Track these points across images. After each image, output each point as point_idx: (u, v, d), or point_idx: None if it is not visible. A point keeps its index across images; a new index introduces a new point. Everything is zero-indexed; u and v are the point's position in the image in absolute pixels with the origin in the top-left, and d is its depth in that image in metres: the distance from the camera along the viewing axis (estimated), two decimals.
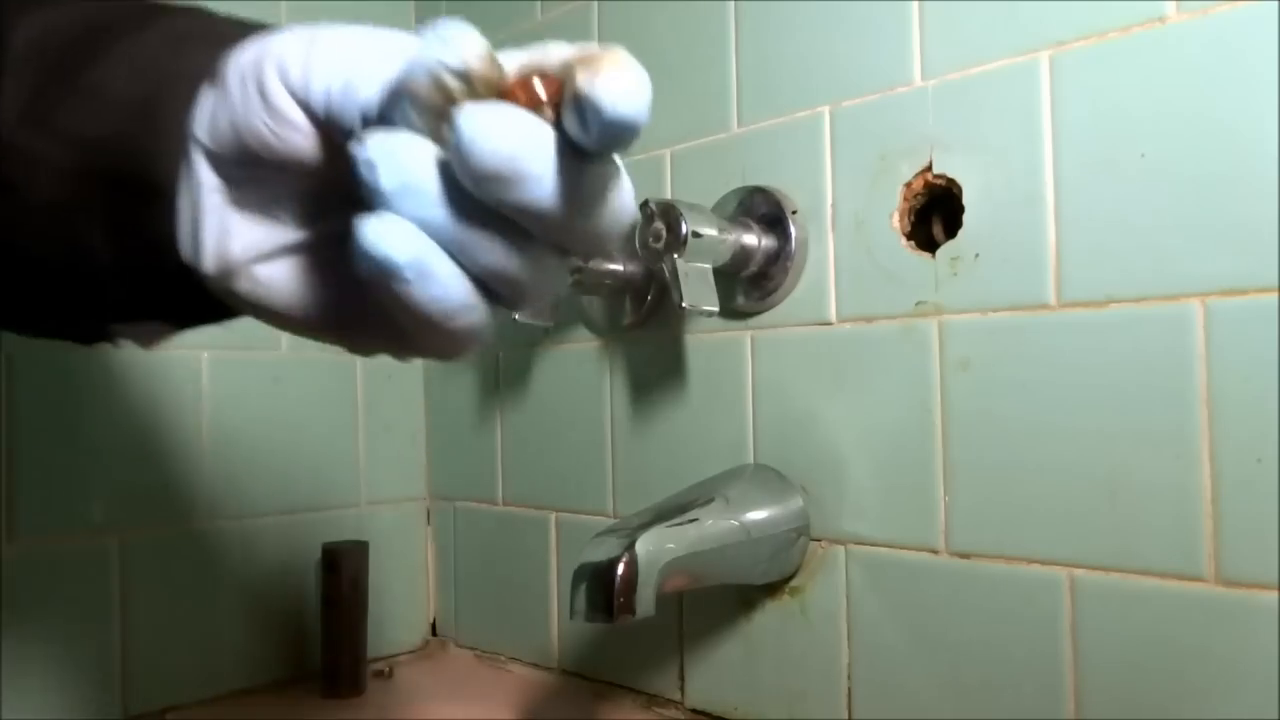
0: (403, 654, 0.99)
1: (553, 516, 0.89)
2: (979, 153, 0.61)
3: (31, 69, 0.33)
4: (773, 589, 0.71)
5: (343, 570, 0.87)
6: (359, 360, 0.95)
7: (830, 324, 0.68)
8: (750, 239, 0.70)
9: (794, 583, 0.70)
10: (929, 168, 0.63)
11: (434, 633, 1.02)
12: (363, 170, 0.25)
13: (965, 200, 0.62)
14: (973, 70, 0.61)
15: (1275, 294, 0.50)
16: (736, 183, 0.74)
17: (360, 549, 0.89)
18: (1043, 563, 0.58)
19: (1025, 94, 0.59)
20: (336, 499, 0.95)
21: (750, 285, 0.72)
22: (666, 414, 0.79)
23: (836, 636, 0.68)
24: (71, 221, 0.32)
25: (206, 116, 0.30)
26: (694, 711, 0.77)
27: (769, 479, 0.70)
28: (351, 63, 0.28)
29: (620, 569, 0.56)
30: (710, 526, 0.63)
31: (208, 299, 0.32)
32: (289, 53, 0.29)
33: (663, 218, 0.67)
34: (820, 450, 0.69)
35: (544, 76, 0.26)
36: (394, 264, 0.25)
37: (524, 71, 0.26)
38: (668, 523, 0.61)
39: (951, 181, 0.63)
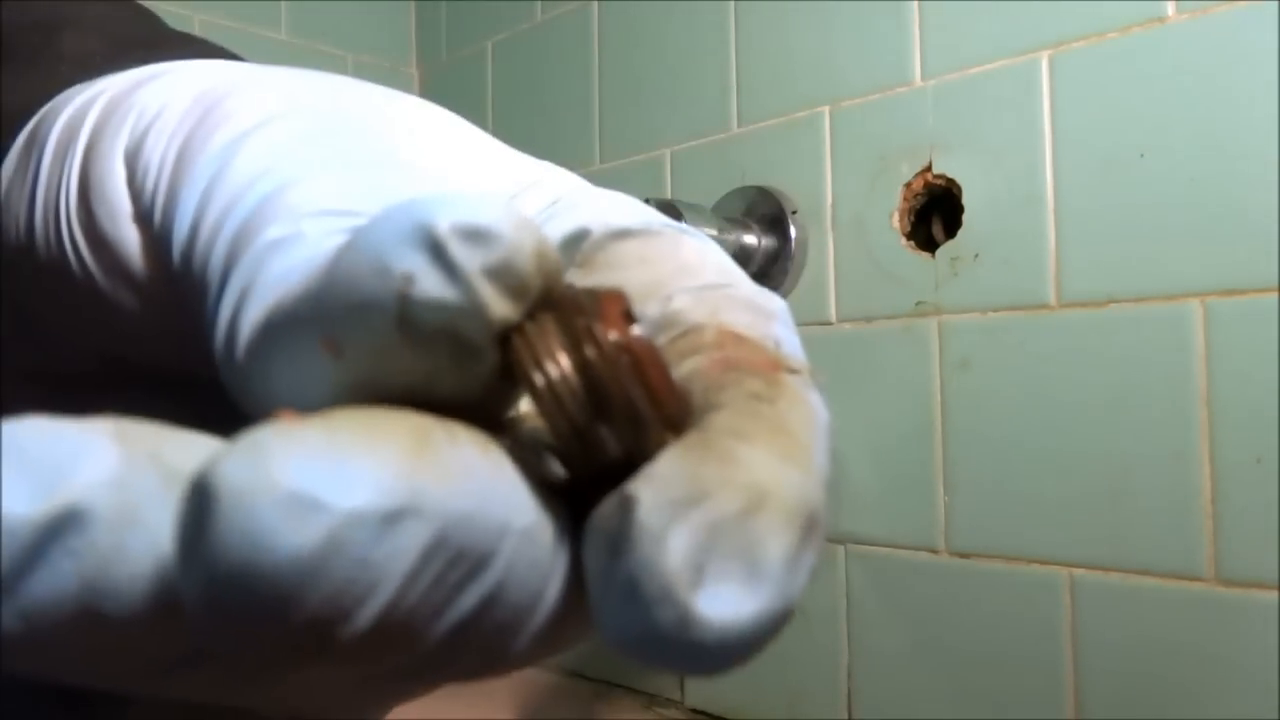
0: None
1: None
2: (979, 153, 0.61)
3: None
4: None
5: None
6: None
7: (830, 324, 0.68)
8: (750, 239, 0.70)
9: None
10: (929, 168, 0.64)
11: None
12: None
13: (965, 200, 0.62)
14: (973, 70, 0.61)
15: (1275, 294, 0.50)
16: (736, 183, 0.74)
17: None
18: (1043, 563, 0.58)
19: (1025, 94, 0.59)
20: None
21: None
22: None
23: (836, 636, 0.68)
24: None
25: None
26: (694, 711, 0.77)
27: None
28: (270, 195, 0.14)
29: None
30: None
31: None
32: (167, 123, 0.16)
33: None
34: None
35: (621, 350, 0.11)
36: None
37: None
38: None
39: (951, 181, 0.63)
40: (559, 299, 0.12)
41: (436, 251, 0.11)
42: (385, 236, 0.11)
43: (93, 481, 0.10)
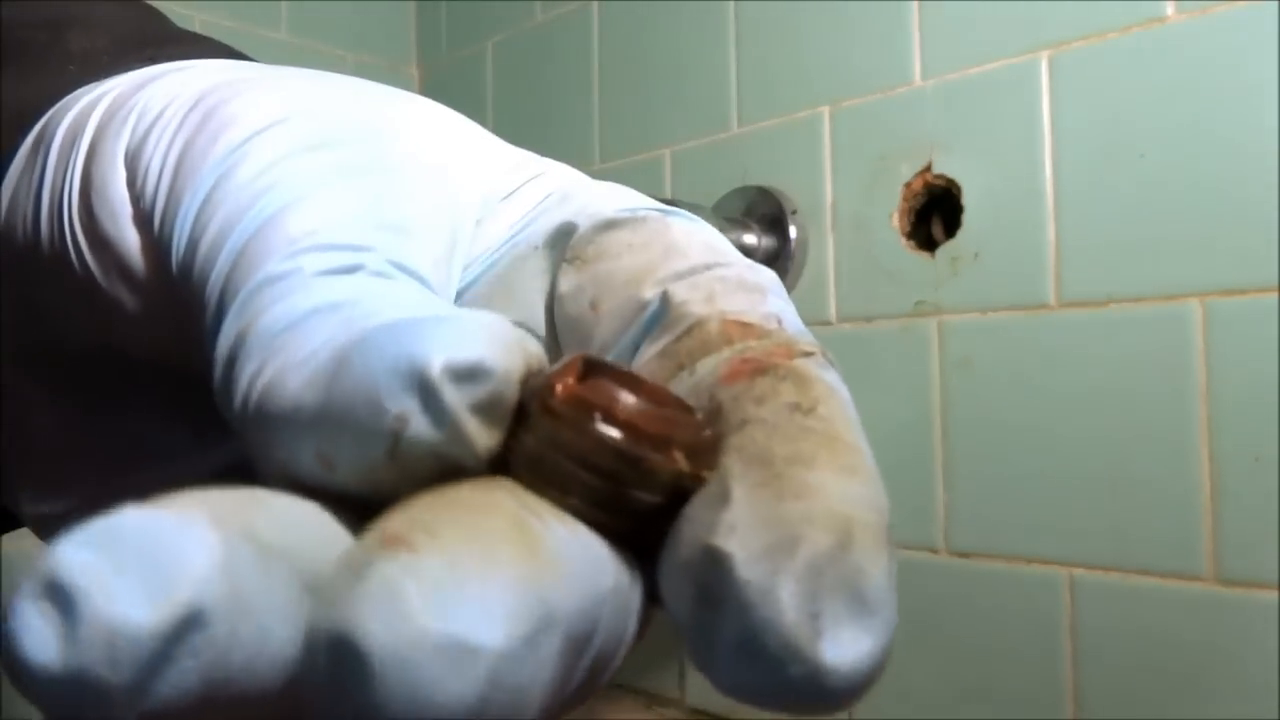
0: None
1: None
2: (979, 153, 0.61)
3: None
4: None
5: None
6: None
7: (830, 324, 0.68)
8: (750, 239, 0.70)
9: None
10: (929, 168, 0.64)
11: None
12: None
13: (965, 200, 0.62)
14: (973, 70, 0.61)
15: (1275, 294, 0.50)
16: (736, 183, 0.74)
17: None
18: (1042, 562, 0.58)
19: (1025, 94, 0.59)
20: None
21: None
22: None
23: None
24: None
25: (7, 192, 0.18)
26: (694, 711, 0.77)
27: None
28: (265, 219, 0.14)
29: None
30: None
31: None
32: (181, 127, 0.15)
33: None
34: None
35: (664, 419, 0.12)
36: None
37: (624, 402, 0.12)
38: None
39: (951, 182, 0.63)
40: (536, 391, 0.12)
41: (429, 394, 0.11)
42: (380, 372, 0.11)
43: (204, 577, 0.10)
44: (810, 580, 0.11)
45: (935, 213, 0.65)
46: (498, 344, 0.12)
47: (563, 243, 0.15)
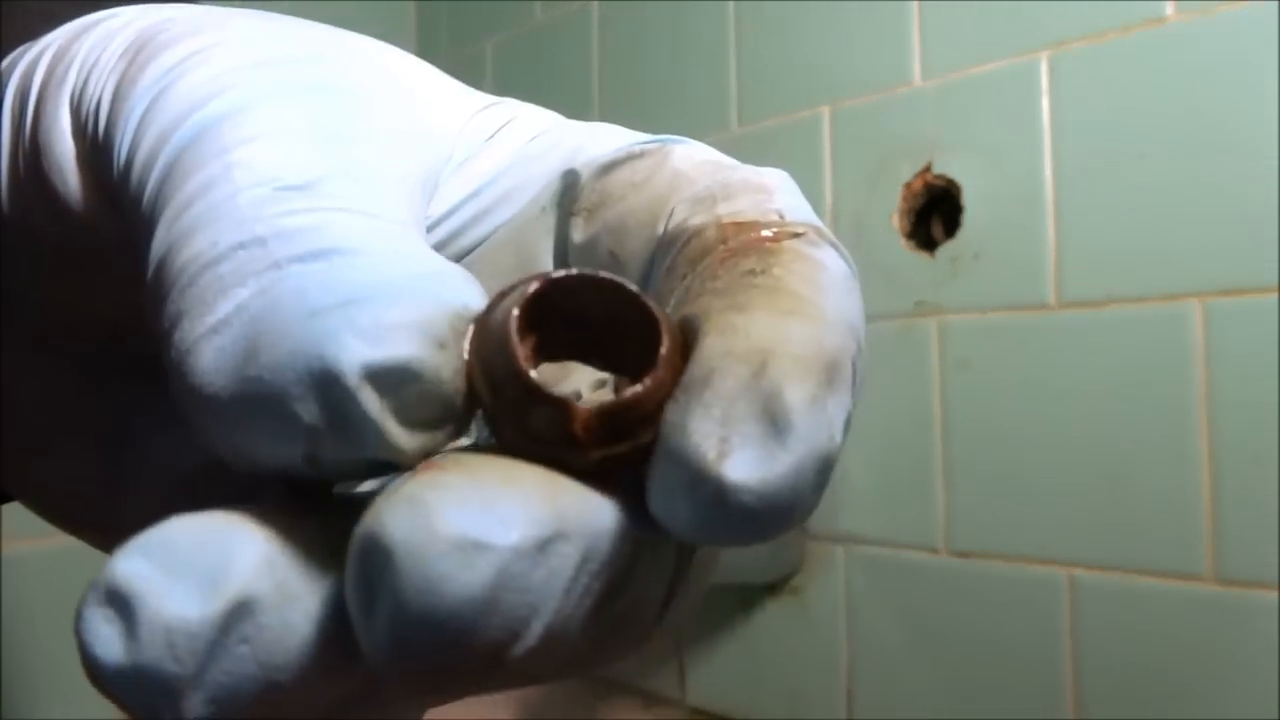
0: None
1: None
2: (979, 153, 0.61)
3: None
4: (772, 588, 0.71)
5: None
6: None
7: None
8: None
9: (794, 582, 0.70)
10: (929, 168, 0.64)
11: None
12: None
13: (965, 200, 0.62)
14: (972, 70, 0.61)
15: (1275, 294, 0.50)
16: None
17: None
18: (1042, 562, 0.58)
19: (1025, 94, 0.59)
20: None
21: None
22: None
23: (836, 636, 0.68)
24: None
25: None
26: (694, 710, 0.77)
27: None
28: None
29: None
30: None
31: None
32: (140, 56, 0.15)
33: None
34: None
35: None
36: None
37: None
38: None
39: (951, 182, 0.63)
40: (506, 380, 0.11)
41: (345, 404, 0.11)
42: (287, 377, 0.11)
43: (251, 571, 0.11)
44: (721, 409, 0.11)
45: (935, 213, 0.65)
46: (427, 333, 0.11)
47: (569, 195, 0.15)
